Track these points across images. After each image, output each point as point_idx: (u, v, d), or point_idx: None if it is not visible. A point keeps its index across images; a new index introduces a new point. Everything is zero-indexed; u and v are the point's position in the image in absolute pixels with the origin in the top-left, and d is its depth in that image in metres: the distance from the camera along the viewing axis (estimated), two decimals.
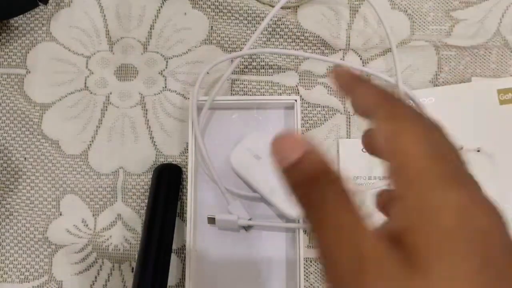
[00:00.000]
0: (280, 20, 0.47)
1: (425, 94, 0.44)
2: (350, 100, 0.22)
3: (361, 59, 0.47)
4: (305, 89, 0.47)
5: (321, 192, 0.18)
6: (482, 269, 0.16)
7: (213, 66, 0.44)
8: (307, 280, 0.43)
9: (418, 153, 0.18)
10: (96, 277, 0.44)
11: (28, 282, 0.44)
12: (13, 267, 0.44)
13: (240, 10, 0.47)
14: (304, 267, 0.43)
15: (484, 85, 0.44)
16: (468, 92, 0.44)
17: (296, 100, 0.44)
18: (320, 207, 0.18)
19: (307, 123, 0.46)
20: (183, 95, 0.46)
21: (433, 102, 0.44)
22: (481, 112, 0.43)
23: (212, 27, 0.48)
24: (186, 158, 0.45)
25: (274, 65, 0.47)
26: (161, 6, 0.48)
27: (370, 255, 0.16)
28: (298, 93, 0.47)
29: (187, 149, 0.45)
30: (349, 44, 0.48)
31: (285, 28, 0.47)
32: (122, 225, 0.44)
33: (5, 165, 0.45)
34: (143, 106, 0.46)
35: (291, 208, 0.40)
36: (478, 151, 0.43)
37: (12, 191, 0.45)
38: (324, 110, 0.46)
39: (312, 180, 0.19)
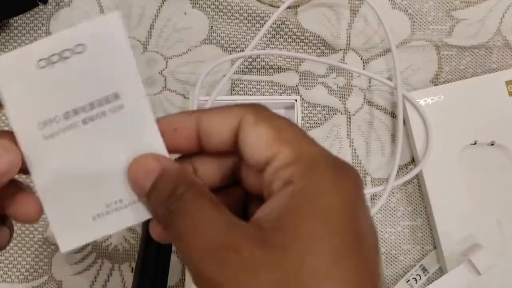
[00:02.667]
0: (280, 20, 0.47)
1: (432, 92, 0.44)
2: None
3: (361, 59, 0.47)
4: (305, 89, 0.47)
5: (180, 200, 0.20)
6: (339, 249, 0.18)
7: (215, 66, 0.44)
8: None
9: (308, 144, 0.20)
10: (95, 277, 0.44)
11: (28, 282, 0.44)
12: (13, 267, 0.44)
13: (240, 10, 0.47)
14: None
15: (491, 78, 0.44)
16: (476, 87, 0.44)
17: (296, 100, 0.44)
18: (177, 213, 0.19)
19: (307, 123, 0.46)
20: (183, 95, 0.46)
21: (441, 100, 0.44)
22: (491, 105, 0.43)
23: (212, 26, 0.47)
24: None
25: (274, 65, 0.47)
26: (161, 6, 0.48)
27: (227, 244, 0.18)
28: (298, 93, 0.47)
29: None
30: (349, 44, 0.47)
31: (285, 28, 0.47)
32: None
33: None
34: None
35: None
36: (492, 144, 0.43)
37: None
38: (324, 110, 0.46)
39: (172, 194, 0.20)
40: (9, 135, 0.21)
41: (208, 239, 0.18)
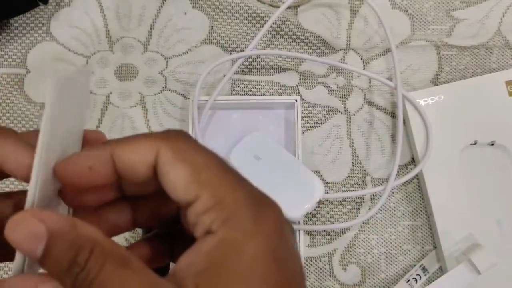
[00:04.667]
0: (280, 20, 0.47)
1: (432, 92, 0.44)
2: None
3: (361, 59, 0.47)
4: (306, 89, 0.47)
5: (85, 271, 0.17)
6: None
7: (215, 66, 0.44)
8: (307, 280, 0.43)
9: (227, 185, 0.19)
10: None
11: None
12: None
13: (240, 10, 0.47)
14: (304, 267, 0.43)
15: (491, 78, 0.44)
16: (476, 87, 0.44)
17: (296, 100, 0.44)
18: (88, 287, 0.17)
19: (307, 123, 0.46)
20: (183, 95, 0.46)
21: (441, 100, 0.44)
22: (491, 105, 0.43)
23: (212, 26, 0.47)
24: None
25: (274, 65, 0.47)
26: (161, 6, 0.48)
27: None
28: (299, 93, 0.47)
29: None
30: (349, 44, 0.47)
31: (285, 28, 0.47)
32: None
33: None
34: (143, 106, 0.46)
35: (291, 210, 0.40)
36: (492, 144, 0.43)
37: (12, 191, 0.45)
38: (324, 110, 0.46)
39: (72, 264, 0.17)
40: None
41: None
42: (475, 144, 0.43)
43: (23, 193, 0.19)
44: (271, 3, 0.48)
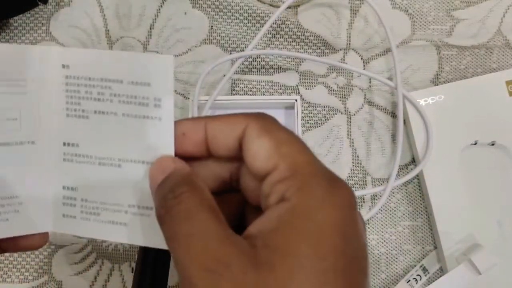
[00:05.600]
0: (280, 20, 0.47)
1: (432, 92, 0.44)
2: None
3: (361, 58, 0.47)
4: (306, 89, 0.47)
5: (178, 198, 0.20)
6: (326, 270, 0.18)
7: (215, 66, 0.44)
8: None
9: (306, 160, 0.20)
10: (95, 277, 0.44)
11: (28, 282, 0.44)
12: (13, 267, 0.44)
13: (240, 9, 0.47)
14: None
15: (492, 78, 0.44)
16: (476, 87, 0.44)
17: (296, 100, 0.44)
18: (174, 213, 0.19)
19: (308, 123, 0.46)
20: (183, 95, 0.46)
21: (442, 100, 0.44)
22: (491, 105, 0.43)
23: (212, 26, 0.47)
24: None
25: (274, 64, 0.47)
26: (161, 6, 0.48)
27: (220, 259, 0.17)
28: (299, 93, 0.46)
29: None
30: (349, 44, 0.47)
31: (285, 28, 0.47)
32: None
33: None
34: None
35: None
36: (493, 144, 0.43)
37: None
38: (324, 110, 0.46)
39: (171, 190, 0.20)
40: None
41: (202, 250, 0.18)
42: (475, 144, 0.43)
43: None
44: (271, 3, 0.48)
